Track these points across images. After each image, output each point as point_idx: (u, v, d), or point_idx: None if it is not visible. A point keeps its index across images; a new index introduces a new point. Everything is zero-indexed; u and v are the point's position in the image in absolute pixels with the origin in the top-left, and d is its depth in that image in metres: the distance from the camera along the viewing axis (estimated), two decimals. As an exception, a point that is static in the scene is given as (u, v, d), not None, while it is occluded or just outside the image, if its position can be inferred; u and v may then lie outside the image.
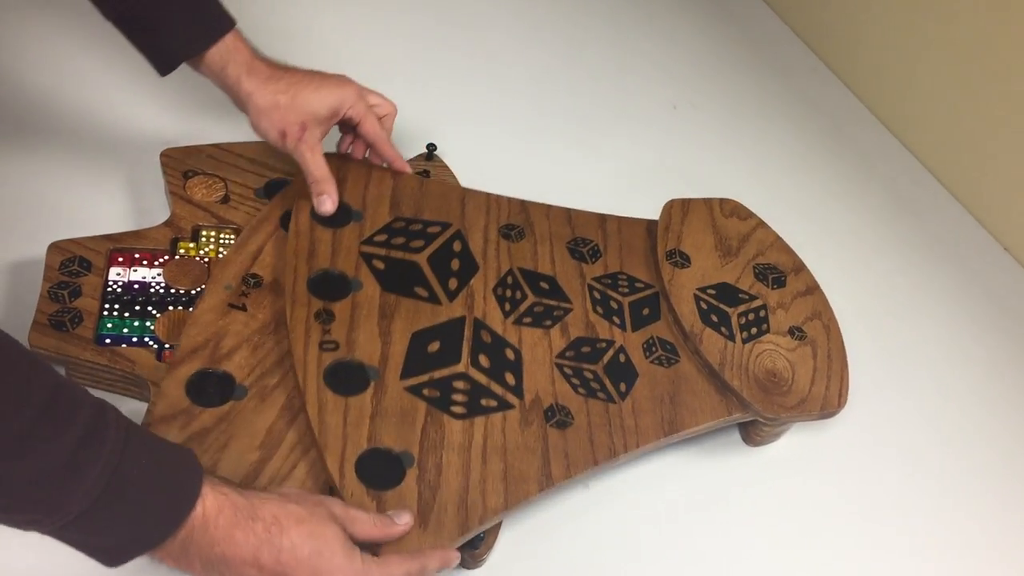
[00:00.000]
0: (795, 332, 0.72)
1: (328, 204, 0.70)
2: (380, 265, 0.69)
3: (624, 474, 0.69)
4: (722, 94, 1.08)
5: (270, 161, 0.78)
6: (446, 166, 0.85)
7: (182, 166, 0.76)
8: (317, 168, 0.70)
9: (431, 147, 0.85)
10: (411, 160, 0.83)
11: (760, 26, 1.21)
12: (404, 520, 0.55)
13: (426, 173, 0.83)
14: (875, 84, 1.10)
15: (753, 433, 0.72)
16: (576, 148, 0.96)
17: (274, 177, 0.77)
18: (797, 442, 0.75)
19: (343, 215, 0.71)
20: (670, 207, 0.79)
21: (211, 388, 0.62)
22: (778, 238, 0.79)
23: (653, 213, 0.81)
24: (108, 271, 0.68)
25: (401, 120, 0.84)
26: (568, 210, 0.78)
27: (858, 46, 1.12)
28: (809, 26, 1.19)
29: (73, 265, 0.67)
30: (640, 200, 0.83)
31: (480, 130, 0.93)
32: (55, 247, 0.68)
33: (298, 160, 0.70)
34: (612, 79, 1.06)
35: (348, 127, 0.75)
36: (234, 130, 0.79)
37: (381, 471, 0.59)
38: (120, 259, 0.69)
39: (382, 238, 0.71)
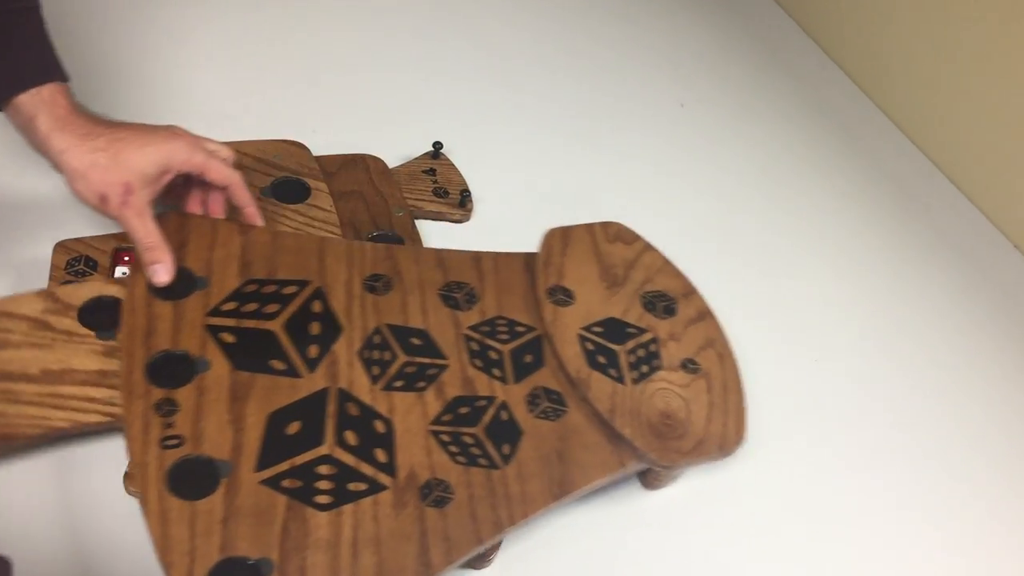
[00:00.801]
0: (688, 365, 0.68)
1: (163, 274, 0.63)
2: (230, 339, 0.62)
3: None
4: (729, 92, 1.06)
5: (275, 160, 0.75)
6: (452, 164, 0.82)
7: None
8: (147, 235, 0.63)
9: (437, 145, 0.82)
10: (417, 158, 0.82)
11: (768, 23, 1.19)
12: None
13: (432, 171, 0.80)
14: (885, 82, 1.09)
15: (651, 477, 0.67)
16: (583, 145, 0.94)
17: (280, 176, 0.75)
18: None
19: (185, 283, 0.64)
20: (549, 237, 0.74)
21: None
22: (666, 262, 0.75)
23: (657, 213, 0.81)
24: (114, 270, 0.68)
25: (407, 118, 0.86)
26: (439, 251, 0.72)
27: (867, 43, 1.10)
28: (817, 23, 1.16)
29: (79, 264, 0.67)
30: (645, 199, 0.85)
31: (486, 128, 0.91)
32: (61, 246, 0.67)
33: (124, 227, 0.63)
34: (619, 76, 1.04)
35: (195, 183, 0.69)
36: (239, 130, 0.77)
37: None
38: (126, 258, 0.69)
39: (231, 306, 0.64)
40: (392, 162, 0.81)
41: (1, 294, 0.62)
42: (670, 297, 0.71)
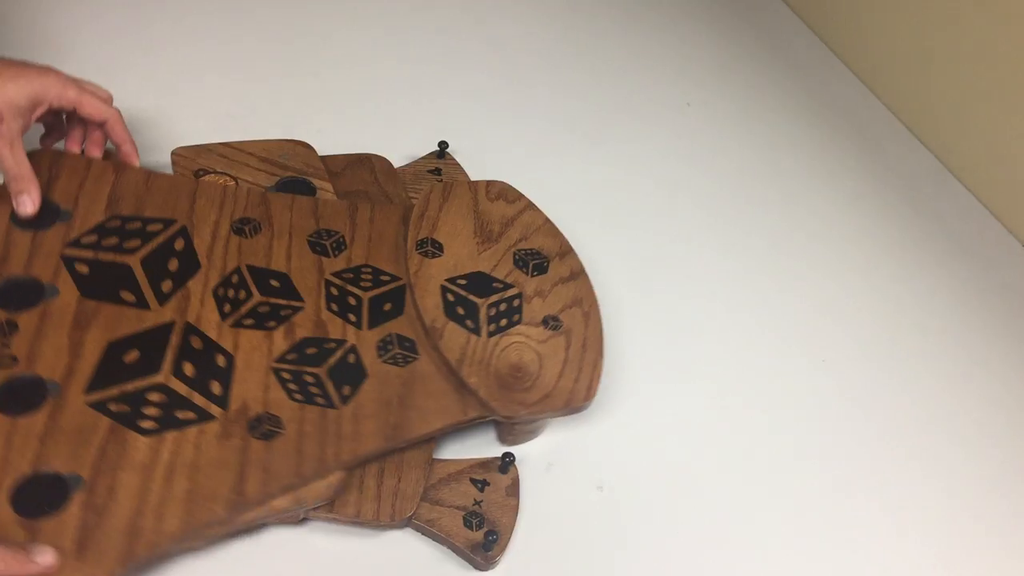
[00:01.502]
0: (549, 322, 0.67)
1: (28, 205, 0.64)
2: (84, 269, 0.63)
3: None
4: (736, 92, 1.05)
5: (281, 160, 0.75)
6: (458, 164, 0.81)
7: (193, 165, 0.73)
8: (15, 164, 0.64)
9: (443, 145, 0.82)
10: (423, 158, 0.81)
11: (776, 22, 1.18)
12: (45, 559, 0.50)
13: (438, 171, 0.80)
14: (894, 82, 1.07)
15: (504, 431, 0.67)
16: (589, 145, 0.93)
17: (286, 176, 0.74)
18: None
19: (49, 215, 0.65)
20: (429, 191, 0.74)
21: None
22: (547, 221, 0.74)
23: (665, 214, 0.82)
24: None
25: (413, 118, 0.85)
26: (316, 200, 0.73)
27: (876, 42, 1.08)
28: (826, 22, 1.15)
29: None
30: (652, 198, 0.85)
31: (492, 128, 0.90)
32: None
33: None
34: (625, 76, 1.02)
35: (75, 123, 0.70)
36: (245, 130, 0.78)
37: (42, 498, 0.53)
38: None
39: (91, 239, 0.65)
40: (398, 162, 0.81)
41: None
42: (543, 255, 0.71)
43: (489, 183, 0.76)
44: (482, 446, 0.68)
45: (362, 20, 1.00)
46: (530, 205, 0.75)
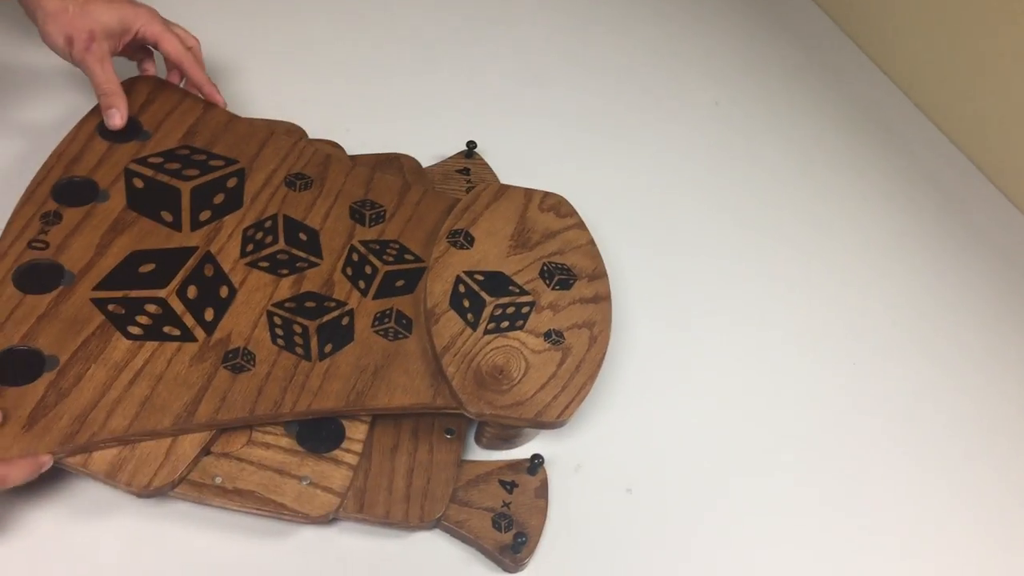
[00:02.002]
0: (552, 335, 0.66)
1: (116, 118, 0.70)
2: (139, 184, 0.68)
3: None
4: (765, 90, 1.04)
5: None
6: (486, 163, 0.84)
7: None
8: (106, 80, 0.70)
9: (471, 144, 0.84)
10: (451, 158, 0.84)
11: (804, 21, 1.16)
12: None
13: (466, 171, 0.82)
14: (924, 80, 1.04)
15: (480, 432, 0.66)
16: (616, 144, 0.94)
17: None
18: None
19: (130, 131, 0.71)
20: (482, 189, 0.74)
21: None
22: (591, 243, 0.73)
23: (692, 212, 0.83)
24: None
25: (441, 117, 0.87)
26: (373, 172, 0.75)
27: (905, 40, 1.05)
28: (854, 20, 1.12)
29: None
30: (680, 198, 0.86)
31: (520, 127, 0.92)
32: None
33: (86, 71, 0.70)
34: (653, 75, 1.03)
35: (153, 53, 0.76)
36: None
37: (18, 368, 0.57)
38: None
39: (157, 160, 0.70)
40: (426, 161, 0.82)
41: None
42: (571, 273, 0.70)
43: (546, 194, 0.75)
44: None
45: (389, 20, 1.01)
46: (579, 224, 0.74)
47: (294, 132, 0.79)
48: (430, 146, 0.83)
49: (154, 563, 0.57)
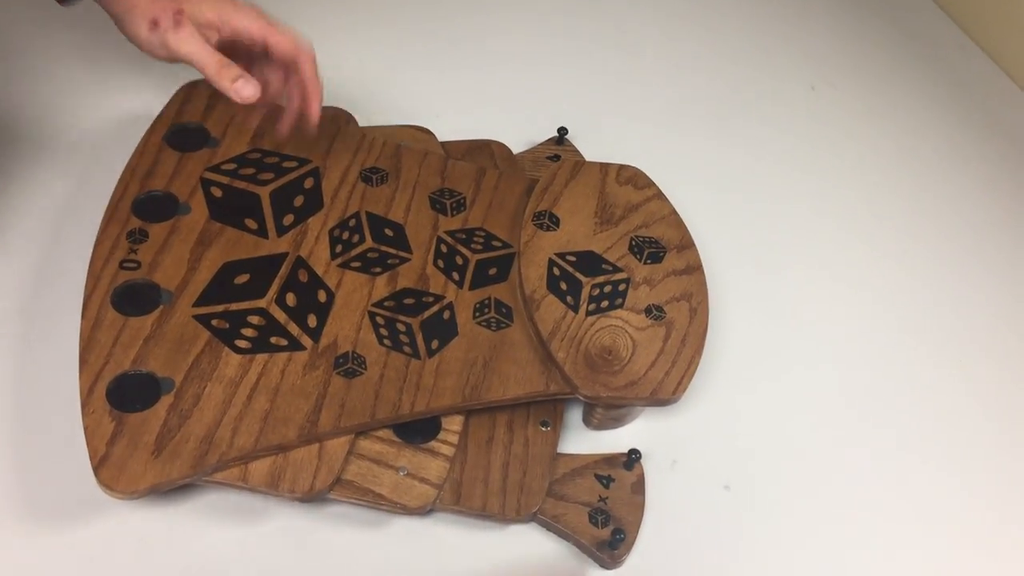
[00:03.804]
0: (652, 311, 0.66)
1: (249, 88, 0.60)
2: (217, 193, 0.67)
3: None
4: (863, 74, 1.01)
5: (404, 146, 0.75)
6: (576, 150, 0.82)
7: None
8: (210, 55, 0.59)
9: (562, 131, 0.83)
10: (542, 144, 0.82)
11: (904, 2, 1.13)
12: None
13: (556, 157, 0.80)
14: None
15: (590, 414, 0.66)
16: (709, 129, 0.92)
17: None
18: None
19: (199, 139, 0.70)
20: (558, 167, 0.73)
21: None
22: (673, 212, 0.72)
23: (788, 200, 0.81)
24: None
25: (532, 103, 0.85)
26: (445, 160, 0.74)
27: (1010, 21, 1.02)
28: (959, 2, 1.09)
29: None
30: (775, 184, 0.84)
31: (612, 113, 0.90)
32: None
33: (178, 53, 0.60)
34: (747, 60, 1.00)
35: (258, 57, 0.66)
36: (366, 117, 0.79)
37: (135, 393, 0.57)
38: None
39: (230, 167, 0.69)
40: (517, 148, 0.80)
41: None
42: (660, 245, 0.69)
43: (621, 167, 0.75)
44: (608, 440, 0.67)
45: (479, 5, 0.99)
46: (659, 194, 0.74)
47: (340, 117, 0.77)
48: (521, 132, 0.82)
49: (245, 548, 0.58)
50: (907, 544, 0.65)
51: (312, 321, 0.62)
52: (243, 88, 0.60)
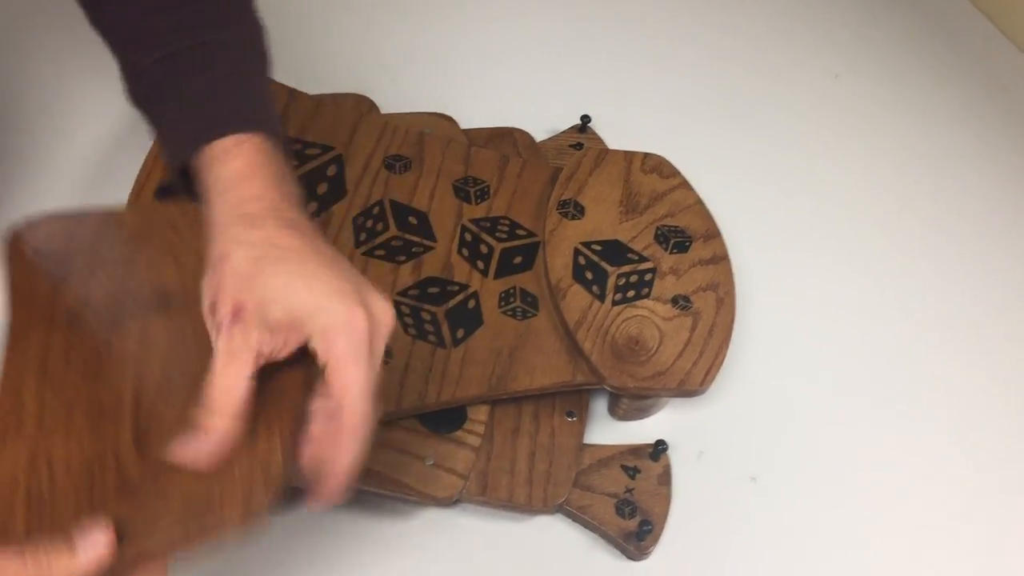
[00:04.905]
0: (679, 301, 0.65)
1: (202, 444, 0.40)
2: (240, 180, 0.66)
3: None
4: (888, 63, 0.98)
5: (426, 133, 0.74)
6: (599, 138, 0.81)
7: None
8: (225, 392, 0.41)
9: (585, 119, 0.81)
10: (565, 132, 0.81)
11: None
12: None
13: (579, 146, 0.79)
14: None
15: (616, 404, 0.65)
16: (731, 118, 0.90)
17: None
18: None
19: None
20: (582, 155, 0.73)
21: None
22: (699, 202, 0.71)
23: (811, 191, 0.80)
24: None
25: (554, 91, 0.84)
26: (469, 147, 0.73)
27: None
28: None
29: None
30: (798, 174, 0.83)
31: (635, 100, 0.89)
32: None
33: (213, 368, 0.41)
34: (769, 47, 0.98)
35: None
36: (388, 103, 0.79)
37: None
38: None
39: (253, 154, 0.68)
40: (539, 136, 0.80)
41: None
42: (686, 234, 0.69)
43: (646, 155, 0.74)
44: (634, 431, 0.67)
45: None
46: (684, 183, 0.73)
47: (362, 103, 0.76)
48: (544, 120, 0.81)
49: (269, 536, 0.58)
50: (937, 536, 0.64)
51: (336, 310, 0.61)
52: (190, 442, 0.41)
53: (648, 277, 0.66)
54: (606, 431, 0.66)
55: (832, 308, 0.75)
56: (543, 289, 0.65)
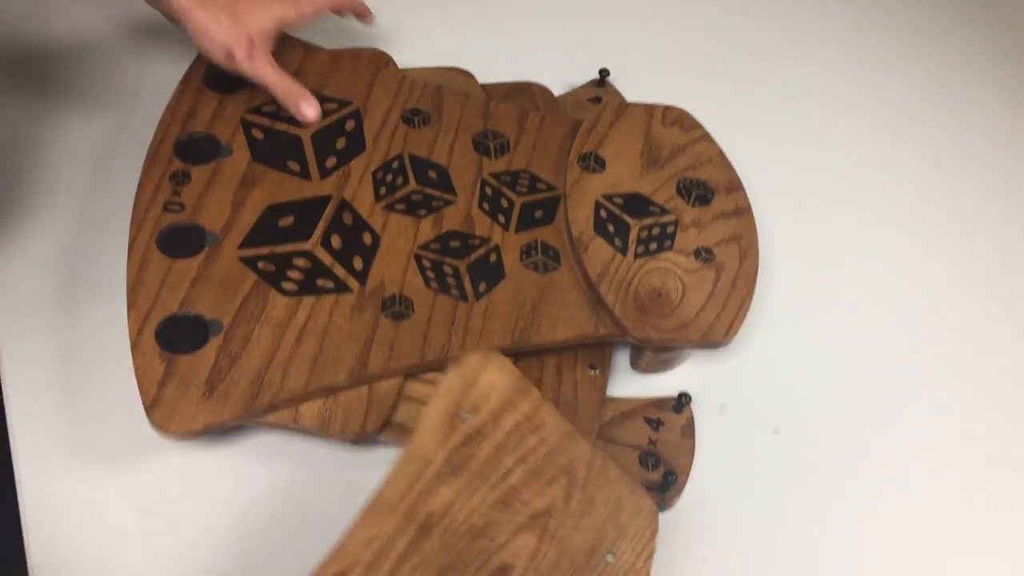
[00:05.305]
0: (702, 253, 0.65)
1: (312, 112, 0.67)
2: (259, 135, 0.66)
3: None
4: (911, 13, 0.97)
5: (444, 88, 0.74)
6: (618, 92, 0.80)
7: None
8: (282, 81, 0.67)
9: (603, 72, 0.81)
10: (583, 87, 0.80)
11: None
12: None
13: (598, 100, 0.78)
14: None
15: (638, 357, 0.65)
16: (748, 72, 0.89)
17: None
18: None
19: (237, 81, 0.69)
20: (603, 108, 0.72)
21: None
22: (720, 154, 0.71)
23: (831, 146, 0.79)
24: None
25: (573, 44, 0.84)
26: (487, 101, 0.72)
27: None
28: None
29: None
30: (817, 129, 0.82)
31: (654, 54, 0.87)
32: None
33: (253, 78, 0.67)
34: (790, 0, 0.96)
35: None
36: (406, 59, 0.78)
37: (183, 335, 0.56)
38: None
39: (271, 108, 0.68)
40: (558, 90, 0.79)
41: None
42: (708, 187, 0.68)
43: (667, 108, 0.73)
44: (655, 383, 0.67)
45: None
46: (705, 136, 0.72)
47: (379, 58, 0.76)
48: (562, 74, 0.80)
49: (292, 490, 0.58)
50: (962, 492, 0.64)
51: (358, 264, 0.61)
52: (307, 111, 0.66)
53: (670, 230, 0.65)
54: (628, 384, 0.65)
55: (855, 260, 0.75)
56: (565, 242, 0.65)
